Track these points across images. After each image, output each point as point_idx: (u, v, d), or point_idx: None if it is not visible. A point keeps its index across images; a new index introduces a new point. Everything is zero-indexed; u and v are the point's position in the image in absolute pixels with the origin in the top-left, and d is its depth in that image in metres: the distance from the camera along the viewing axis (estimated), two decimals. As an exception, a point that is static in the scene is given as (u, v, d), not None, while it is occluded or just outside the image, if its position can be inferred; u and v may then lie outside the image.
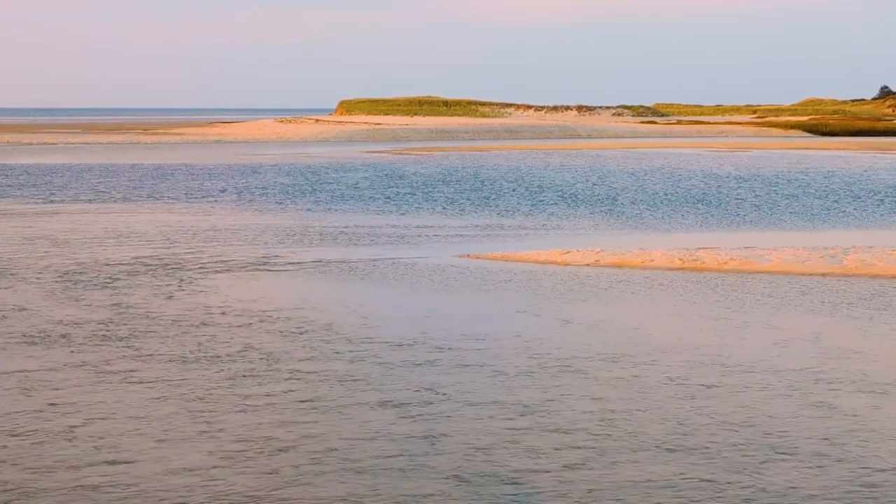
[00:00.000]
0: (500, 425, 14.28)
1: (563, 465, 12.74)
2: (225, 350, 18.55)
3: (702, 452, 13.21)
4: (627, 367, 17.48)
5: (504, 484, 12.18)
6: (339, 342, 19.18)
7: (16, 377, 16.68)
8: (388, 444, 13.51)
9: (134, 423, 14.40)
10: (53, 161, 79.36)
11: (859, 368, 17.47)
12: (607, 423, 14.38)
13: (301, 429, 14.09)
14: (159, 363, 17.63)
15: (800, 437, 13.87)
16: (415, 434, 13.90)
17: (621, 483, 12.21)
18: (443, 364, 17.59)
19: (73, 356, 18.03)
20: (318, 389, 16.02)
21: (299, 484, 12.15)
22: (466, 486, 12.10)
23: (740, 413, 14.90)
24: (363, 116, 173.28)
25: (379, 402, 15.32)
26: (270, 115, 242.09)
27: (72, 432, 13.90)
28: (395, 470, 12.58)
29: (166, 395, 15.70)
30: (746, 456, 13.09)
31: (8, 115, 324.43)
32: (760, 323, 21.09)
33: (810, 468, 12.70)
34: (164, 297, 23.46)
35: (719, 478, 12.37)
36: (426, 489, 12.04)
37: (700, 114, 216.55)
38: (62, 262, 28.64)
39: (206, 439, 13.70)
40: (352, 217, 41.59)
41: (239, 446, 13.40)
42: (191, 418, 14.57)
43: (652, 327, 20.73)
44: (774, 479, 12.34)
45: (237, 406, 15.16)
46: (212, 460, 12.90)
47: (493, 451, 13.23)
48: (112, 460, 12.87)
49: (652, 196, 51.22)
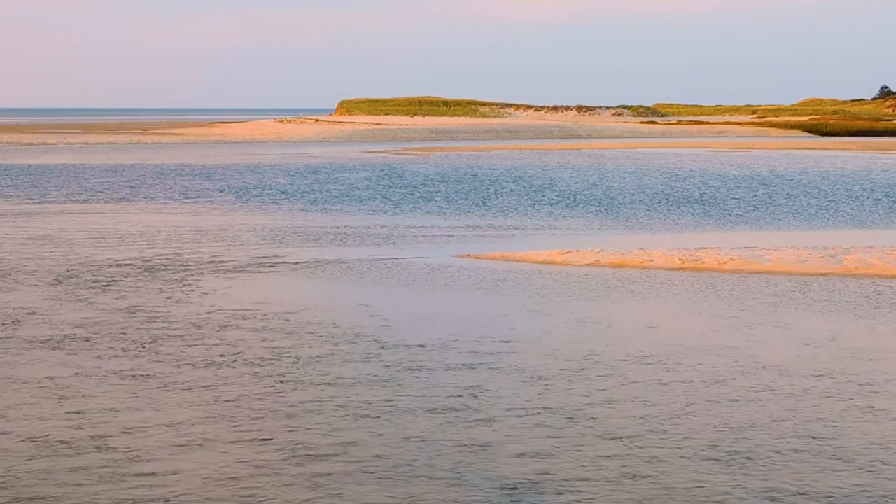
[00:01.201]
0: (546, 432, 13.98)
1: (618, 474, 12.43)
2: (253, 354, 18.25)
3: (757, 460, 12.90)
4: (662, 370, 17.25)
5: (555, 493, 11.88)
6: (366, 344, 18.89)
7: (46, 385, 16.19)
8: (432, 450, 13.24)
9: (169, 430, 14.13)
10: (53, 161, 79.31)
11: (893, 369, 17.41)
12: (657, 429, 14.08)
13: (342, 435, 13.79)
14: (189, 368, 17.38)
15: (853, 442, 13.62)
16: (460, 440, 13.59)
17: (677, 492, 11.94)
18: (478, 367, 17.30)
19: (100, 362, 17.73)
20: (357, 394, 15.72)
21: (341, 493, 11.89)
22: (515, 494, 11.84)
23: (788, 417, 14.68)
24: (363, 116, 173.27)
25: (420, 408, 15.02)
26: (270, 115, 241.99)
27: (105, 442, 13.56)
28: (440, 480, 12.28)
29: (200, 401, 15.36)
30: (803, 463, 12.82)
31: (8, 115, 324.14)
32: (774, 322, 21.08)
33: (871, 474, 12.46)
34: (177, 300, 23.34)
35: (779, 487, 12.08)
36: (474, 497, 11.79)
37: (700, 114, 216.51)
38: (68, 263, 28.63)
39: (244, 447, 13.50)
40: (351, 217, 41.59)
41: (280, 454, 13.09)
42: (228, 425, 14.33)
43: (670, 327, 20.67)
44: (833, 486, 12.13)
45: (275, 412, 14.83)
46: (249, 469, 12.66)
47: (543, 459, 12.95)
48: (150, 472, 12.53)
49: (652, 196, 51.23)
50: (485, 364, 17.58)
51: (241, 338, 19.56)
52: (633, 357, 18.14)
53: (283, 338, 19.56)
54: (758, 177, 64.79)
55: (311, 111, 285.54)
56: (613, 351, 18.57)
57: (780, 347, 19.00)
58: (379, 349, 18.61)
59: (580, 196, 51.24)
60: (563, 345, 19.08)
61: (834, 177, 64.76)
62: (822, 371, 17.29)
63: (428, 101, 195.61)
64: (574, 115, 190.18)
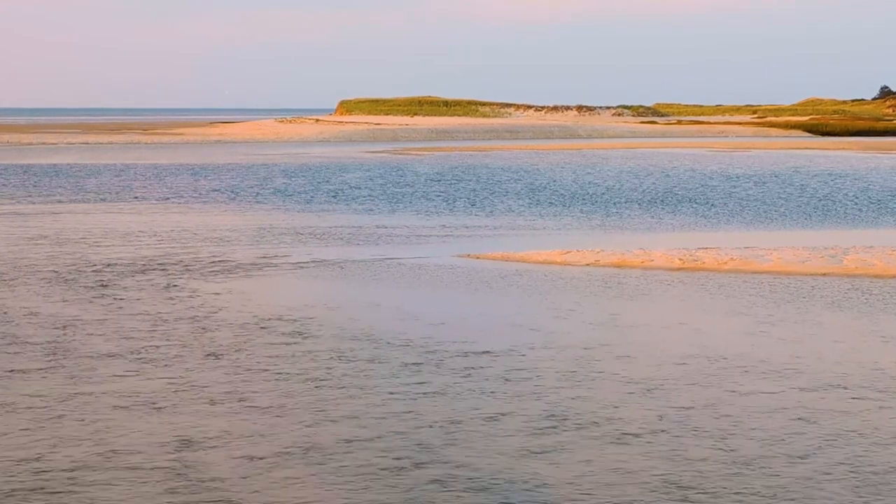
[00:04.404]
0: (624, 450, 13.40)
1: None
2: (254, 354, 18.17)
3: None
4: (716, 384, 16.50)
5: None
6: (408, 351, 18.48)
7: (72, 405, 15.23)
8: (515, 463, 12.86)
9: (231, 445, 14.15)
10: (53, 161, 79.32)
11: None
12: (739, 461, 13.09)
13: (409, 446, 13.47)
14: (189, 368, 17.41)
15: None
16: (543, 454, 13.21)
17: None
18: (540, 376, 16.83)
19: (100, 361, 17.76)
20: (416, 404, 15.29)
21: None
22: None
23: (850, 429, 14.31)
24: (363, 116, 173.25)
25: (489, 417, 14.63)
26: (270, 115, 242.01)
27: (177, 458, 13.02)
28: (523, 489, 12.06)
29: (248, 411, 14.93)
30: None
31: (8, 115, 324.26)
32: (798, 322, 21.08)
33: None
34: (177, 300, 23.30)
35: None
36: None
37: (700, 114, 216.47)
38: (67, 263, 28.60)
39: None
40: (351, 217, 41.57)
41: (360, 472, 12.89)
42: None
43: (691, 329, 20.59)
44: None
45: (331, 419, 14.54)
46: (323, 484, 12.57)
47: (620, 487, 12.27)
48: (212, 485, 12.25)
49: (651, 196, 51.22)
50: (537, 371, 17.16)
51: (241, 338, 19.51)
52: (679, 365, 17.97)
53: (284, 338, 19.51)
54: (758, 177, 64.77)
55: (311, 111, 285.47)
56: (656, 360, 18.26)
57: (812, 352, 18.94)
58: (417, 356, 18.14)
59: (580, 196, 51.23)
60: (600, 351, 18.86)
61: (834, 177, 64.74)
62: (872, 379, 17.09)
63: (428, 101, 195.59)
64: (574, 115, 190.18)
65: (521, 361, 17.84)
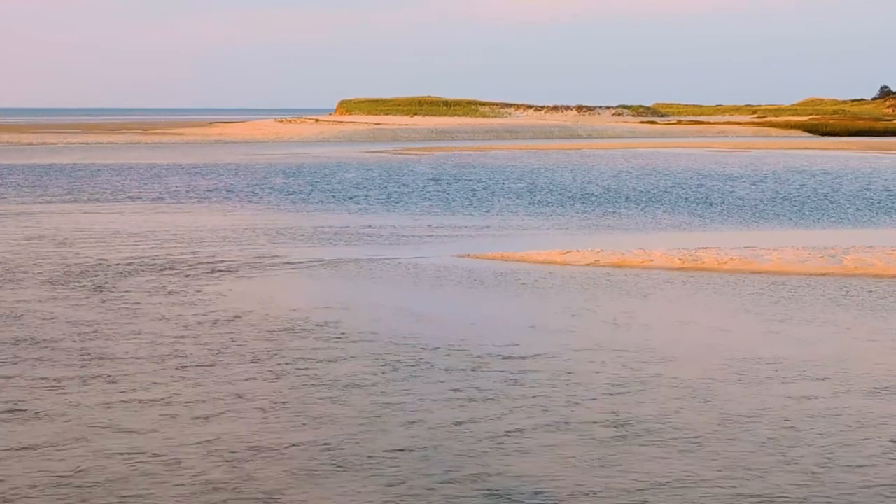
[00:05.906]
0: (675, 462, 12.95)
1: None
2: (255, 354, 18.06)
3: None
4: (750, 384, 16.30)
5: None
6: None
7: (97, 411, 14.82)
8: (564, 472, 12.54)
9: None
10: (53, 161, 79.30)
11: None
12: (793, 461, 12.94)
13: (447, 453, 13.14)
14: (189, 367, 17.33)
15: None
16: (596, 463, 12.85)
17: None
18: (590, 381, 16.53)
19: (99, 361, 17.65)
20: (440, 409, 14.95)
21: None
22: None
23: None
24: (363, 116, 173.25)
25: (534, 426, 14.20)
26: (270, 115, 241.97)
27: (231, 470, 12.60)
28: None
29: (298, 419, 14.53)
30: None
31: (8, 115, 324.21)
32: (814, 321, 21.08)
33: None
34: (177, 299, 23.24)
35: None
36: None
37: (700, 114, 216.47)
38: (66, 263, 28.58)
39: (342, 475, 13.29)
40: (351, 217, 41.57)
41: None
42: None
43: (706, 328, 20.51)
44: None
45: (383, 429, 14.16)
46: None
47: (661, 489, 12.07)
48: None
49: (651, 196, 51.22)
50: (570, 374, 16.90)
51: (243, 338, 19.45)
52: (714, 368, 17.84)
53: (286, 338, 19.46)
54: (757, 176, 64.77)
55: (311, 111, 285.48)
56: (682, 363, 18.01)
57: (840, 355, 18.97)
58: (443, 359, 17.84)
59: (580, 196, 51.23)
60: (626, 355, 18.69)
61: (834, 176, 64.74)
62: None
63: (428, 101, 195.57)
64: (574, 115, 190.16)
65: (567, 364, 17.46)
